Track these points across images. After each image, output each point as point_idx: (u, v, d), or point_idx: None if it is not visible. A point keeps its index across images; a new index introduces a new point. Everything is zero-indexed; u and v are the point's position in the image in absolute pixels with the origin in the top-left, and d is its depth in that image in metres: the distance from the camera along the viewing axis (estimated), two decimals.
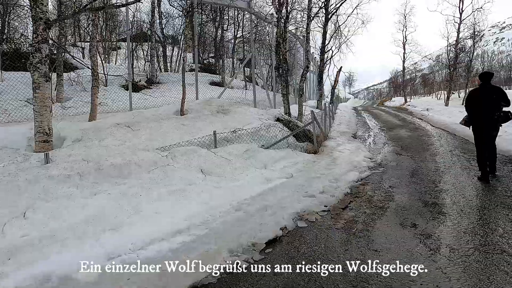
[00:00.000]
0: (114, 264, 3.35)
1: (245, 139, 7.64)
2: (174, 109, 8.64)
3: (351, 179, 6.72)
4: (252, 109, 9.73)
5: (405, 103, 30.84)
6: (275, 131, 8.47)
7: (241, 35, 27.57)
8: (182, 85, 8.53)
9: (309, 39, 11.21)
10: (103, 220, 4.24)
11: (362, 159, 8.47)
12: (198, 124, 7.93)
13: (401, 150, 9.67)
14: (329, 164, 7.67)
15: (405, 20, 31.54)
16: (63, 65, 12.93)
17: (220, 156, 6.61)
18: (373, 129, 14.77)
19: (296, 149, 8.59)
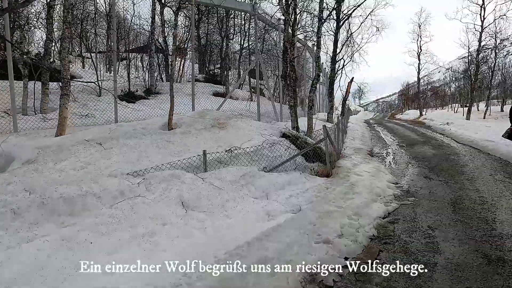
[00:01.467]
0: None
1: (243, 160, 6.27)
2: (161, 123, 7.34)
3: (376, 214, 5.26)
4: (254, 122, 8.38)
5: (421, 117, 29.23)
6: (280, 149, 7.08)
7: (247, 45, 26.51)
8: (170, 95, 7.25)
9: (320, 44, 9.88)
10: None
11: (386, 184, 7.00)
12: (187, 140, 6.60)
13: (429, 173, 8.17)
14: (346, 192, 6.21)
15: (420, 29, 30.22)
16: (49, 73, 11.79)
17: (209, 183, 5.22)
18: (390, 145, 13.27)
19: (305, 172, 7.17)
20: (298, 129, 10.14)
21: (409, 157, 10.42)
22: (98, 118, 10.94)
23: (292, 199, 5.65)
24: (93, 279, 3.16)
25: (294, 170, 7.08)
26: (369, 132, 18.96)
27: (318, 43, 10.02)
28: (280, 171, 6.78)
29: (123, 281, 3.19)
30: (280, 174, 6.41)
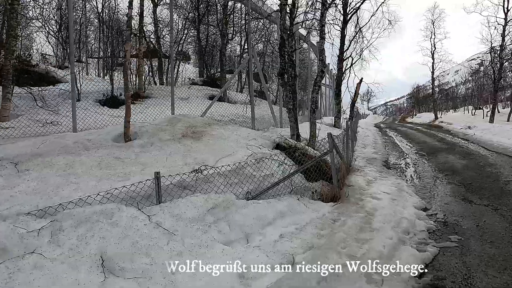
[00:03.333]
0: None
1: (218, 183, 4.53)
2: (117, 132, 5.67)
3: (408, 268, 3.47)
4: (242, 130, 6.65)
5: (436, 120, 27.16)
6: (271, 166, 5.33)
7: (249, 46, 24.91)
8: (125, 96, 5.55)
9: (324, 34, 8.14)
10: None
11: (413, 212, 5.19)
12: (145, 156, 4.91)
13: (467, 192, 6.33)
14: (361, 227, 4.43)
15: (433, 26, 28.20)
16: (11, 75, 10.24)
17: (156, 225, 3.49)
18: (408, 153, 11.39)
19: (304, 195, 5.40)
20: (298, 137, 8.37)
21: (434, 169, 8.56)
22: (63, 126, 9.32)
23: (283, 243, 3.88)
24: None
25: (289, 194, 5.31)
26: (381, 137, 17.08)
27: (322, 33, 8.28)
28: (270, 196, 5.02)
29: None
30: (269, 202, 4.65)
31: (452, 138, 15.32)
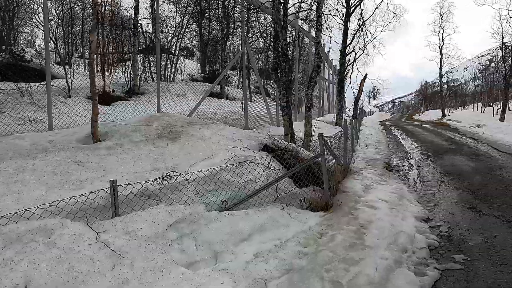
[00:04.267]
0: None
1: (188, 192, 3.98)
2: (85, 132, 5.14)
3: None
4: (227, 130, 6.08)
5: (444, 117, 26.25)
6: (254, 171, 4.76)
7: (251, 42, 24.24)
8: (91, 92, 5.01)
9: (320, 26, 7.51)
10: None
11: (413, 224, 4.59)
12: (110, 160, 4.37)
13: (475, 200, 5.70)
14: (351, 243, 3.85)
15: (441, 20, 27.24)
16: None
17: (104, 245, 2.96)
18: (412, 154, 10.73)
19: (291, 204, 4.82)
20: (292, 136, 7.79)
21: (439, 172, 7.92)
22: (46, 124, 8.85)
23: (257, 264, 3.32)
24: None
25: (273, 202, 4.74)
26: (385, 136, 16.38)
27: (318, 24, 7.64)
28: (251, 206, 4.46)
29: None
30: (247, 214, 4.08)
31: (460, 137, 14.59)
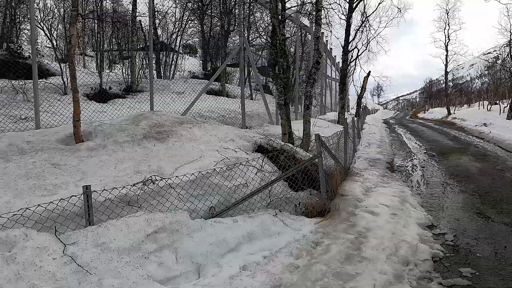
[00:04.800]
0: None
1: (171, 198, 3.68)
2: (67, 132, 4.86)
3: None
4: (221, 129, 5.77)
5: (449, 116, 25.73)
6: (246, 174, 4.44)
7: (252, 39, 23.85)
8: (72, 89, 4.71)
9: (320, 20, 7.16)
10: None
11: (416, 233, 4.26)
12: (91, 162, 4.08)
13: (482, 205, 5.35)
14: (348, 255, 3.53)
15: (447, 16, 26.66)
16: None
17: (71, 259, 2.67)
18: (416, 154, 10.35)
19: (285, 210, 4.51)
20: (291, 136, 7.47)
21: (444, 174, 7.56)
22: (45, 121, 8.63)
23: (242, 279, 3.01)
24: None
25: (266, 207, 4.43)
26: (388, 135, 15.99)
27: (318, 19, 7.29)
28: (242, 212, 4.15)
29: None
30: (236, 221, 3.78)
31: (465, 136, 14.17)
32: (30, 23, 6.49)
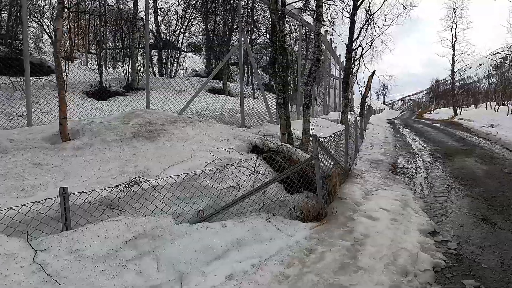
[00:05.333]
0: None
1: (156, 201, 3.49)
2: (54, 130, 4.69)
3: None
4: (216, 128, 5.57)
5: (455, 116, 25.28)
6: (238, 176, 4.24)
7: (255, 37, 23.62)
8: (58, 85, 4.52)
9: (321, 16, 6.93)
10: None
11: (417, 240, 4.02)
12: (73, 163, 3.89)
13: (488, 210, 5.09)
14: (342, 264, 3.31)
15: (454, 15, 26.17)
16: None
17: (40, 267, 2.48)
18: (421, 155, 10.07)
19: (279, 214, 4.29)
20: (290, 136, 7.25)
21: (449, 176, 7.29)
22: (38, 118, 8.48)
23: None
24: None
25: (259, 211, 4.22)
26: (393, 135, 15.69)
27: (318, 15, 7.05)
28: (233, 216, 3.94)
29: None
30: (224, 226, 3.57)
31: (471, 137, 13.83)
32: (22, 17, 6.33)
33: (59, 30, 4.22)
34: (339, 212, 4.67)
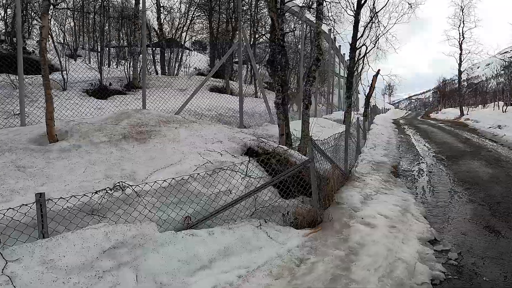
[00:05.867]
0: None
1: (140, 207, 3.34)
2: (42, 131, 4.56)
3: None
4: (210, 129, 5.40)
5: (462, 116, 24.84)
6: (232, 179, 4.08)
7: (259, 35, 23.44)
8: (44, 84, 4.38)
9: (321, 14, 6.73)
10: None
11: (415, 249, 3.82)
12: (56, 166, 3.74)
13: (493, 217, 4.88)
14: (334, 277, 3.13)
15: (462, 13, 25.69)
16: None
17: (8, 279, 2.35)
18: (424, 157, 9.83)
19: (271, 220, 4.12)
20: (289, 137, 7.06)
21: (452, 180, 7.06)
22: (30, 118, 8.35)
23: None
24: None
25: (250, 218, 4.05)
26: (397, 136, 15.41)
27: (319, 13, 6.84)
28: (220, 222, 3.78)
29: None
30: (211, 234, 3.40)
31: (478, 138, 13.51)
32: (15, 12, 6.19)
33: (44, 27, 4.08)
34: (335, 218, 4.48)
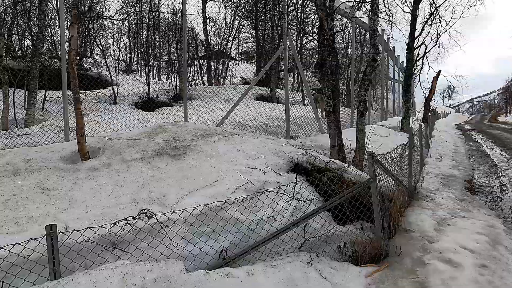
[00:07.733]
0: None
1: (166, 240, 2.81)
2: (75, 148, 4.29)
3: None
4: (253, 142, 4.83)
5: None
6: (274, 203, 3.44)
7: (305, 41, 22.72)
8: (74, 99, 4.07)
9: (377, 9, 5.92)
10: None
11: None
12: (83, 188, 3.37)
13: None
14: None
15: None
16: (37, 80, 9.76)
17: None
18: (504, 168, 8.37)
19: (324, 254, 3.39)
20: (341, 148, 6.25)
21: None
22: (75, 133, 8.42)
23: None
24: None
25: (298, 250, 3.36)
26: (464, 144, 13.70)
27: (374, 7, 6.04)
28: (262, 257, 3.14)
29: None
30: (251, 274, 2.78)
31: None
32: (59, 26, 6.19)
33: (73, 38, 3.83)
34: (405, 252, 3.63)
